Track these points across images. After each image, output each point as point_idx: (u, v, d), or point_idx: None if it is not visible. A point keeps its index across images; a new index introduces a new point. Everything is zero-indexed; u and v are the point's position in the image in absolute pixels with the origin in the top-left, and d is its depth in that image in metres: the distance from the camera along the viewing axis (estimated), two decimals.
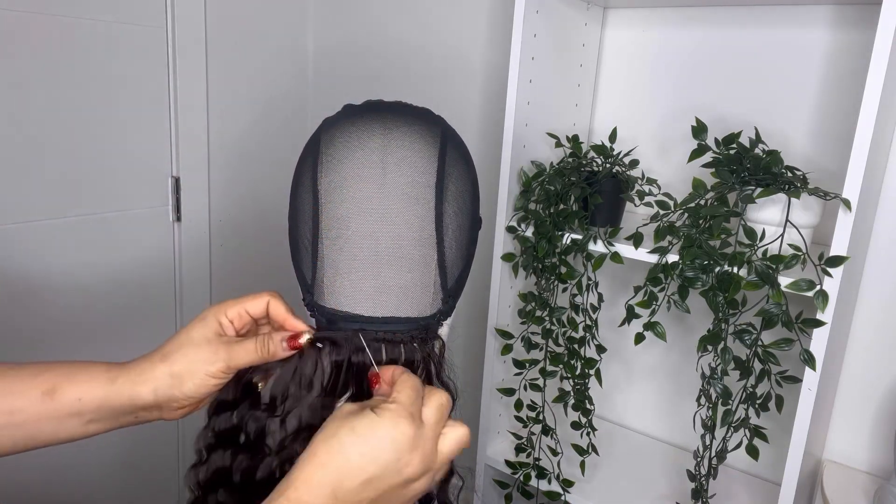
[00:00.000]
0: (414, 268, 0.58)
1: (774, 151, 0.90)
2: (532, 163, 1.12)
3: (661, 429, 1.29)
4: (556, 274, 1.06)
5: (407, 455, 0.49)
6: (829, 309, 0.83)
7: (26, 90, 1.16)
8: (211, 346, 0.59)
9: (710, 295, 0.89)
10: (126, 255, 1.36)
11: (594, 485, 1.13)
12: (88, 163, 1.27)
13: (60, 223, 1.25)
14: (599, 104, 1.27)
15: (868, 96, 0.78)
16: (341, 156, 0.59)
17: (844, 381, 1.08)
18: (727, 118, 1.12)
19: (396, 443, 0.49)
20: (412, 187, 0.58)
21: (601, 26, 1.23)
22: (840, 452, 1.10)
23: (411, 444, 0.50)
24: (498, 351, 1.16)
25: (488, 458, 1.21)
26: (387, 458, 0.49)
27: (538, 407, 1.13)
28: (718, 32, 1.12)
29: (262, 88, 1.56)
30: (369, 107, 0.62)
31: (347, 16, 1.58)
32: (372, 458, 0.49)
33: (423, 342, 0.59)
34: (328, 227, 0.58)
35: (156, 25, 1.32)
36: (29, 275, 1.22)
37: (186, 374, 0.59)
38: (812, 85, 1.05)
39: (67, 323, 1.29)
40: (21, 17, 1.13)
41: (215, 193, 1.50)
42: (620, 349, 1.30)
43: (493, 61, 1.37)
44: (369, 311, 0.58)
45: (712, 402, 0.93)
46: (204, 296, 1.51)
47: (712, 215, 0.89)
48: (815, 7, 1.03)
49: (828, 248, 0.83)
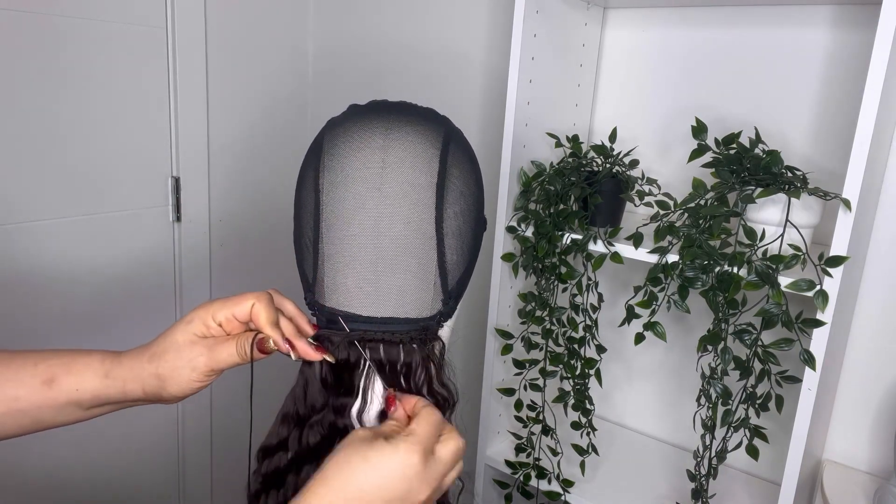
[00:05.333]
0: (414, 269, 0.58)
1: (774, 151, 0.90)
2: (532, 163, 1.12)
3: (661, 429, 1.29)
4: (556, 274, 1.06)
5: (416, 487, 0.50)
6: (829, 309, 0.83)
7: (26, 90, 1.16)
8: (194, 348, 0.59)
9: (710, 295, 0.89)
10: (126, 255, 1.36)
11: (594, 485, 1.13)
12: (88, 163, 1.27)
13: (60, 223, 1.25)
14: (599, 104, 1.27)
15: (868, 96, 0.78)
16: (343, 155, 0.59)
17: (844, 381, 1.08)
18: (727, 118, 1.12)
19: (407, 478, 0.50)
20: (412, 188, 0.58)
21: (601, 26, 1.23)
22: (840, 452, 1.10)
23: (421, 477, 0.51)
24: (498, 351, 1.16)
25: (488, 458, 1.21)
26: (398, 488, 0.50)
27: (538, 407, 1.13)
28: (718, 32, 1.12)
29: (262, 88, 1.56)
30: (373, 107, 0.62)
31: (347, 16, 1.58)
32: (383, 487, 0.49)
33: (423, 343, 0.59)
34: (329, 226, 0.58)
35: (156, 25, 1.32)
36: (29, 275, 1.22)
37: (170, 377, 0.59)
38: (812, 85, 1.05)
39: (67, 323, 1.29)
40: (21, 17, 1.13)
41: (215, 193, 1.50)
42: (620, 349, 1.30)
43: (493, 61, 1.37)
44: (369, 311, 0.58)
45: (712, 402, 0.93)
46: (204, 296, 1.51)
47: (712, 215, 0.89)
48: (815, 7, 1.03)
49: (828, 248, 0.83)
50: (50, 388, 0.60)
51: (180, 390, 0.60)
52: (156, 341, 0.61)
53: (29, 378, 0.60)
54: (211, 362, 0.59)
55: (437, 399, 0.60)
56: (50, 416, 0.61)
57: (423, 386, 0.59)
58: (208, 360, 0.59)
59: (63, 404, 0.61)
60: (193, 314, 0.61)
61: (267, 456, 0.61)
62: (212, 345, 0.59)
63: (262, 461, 0.62)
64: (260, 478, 0.62)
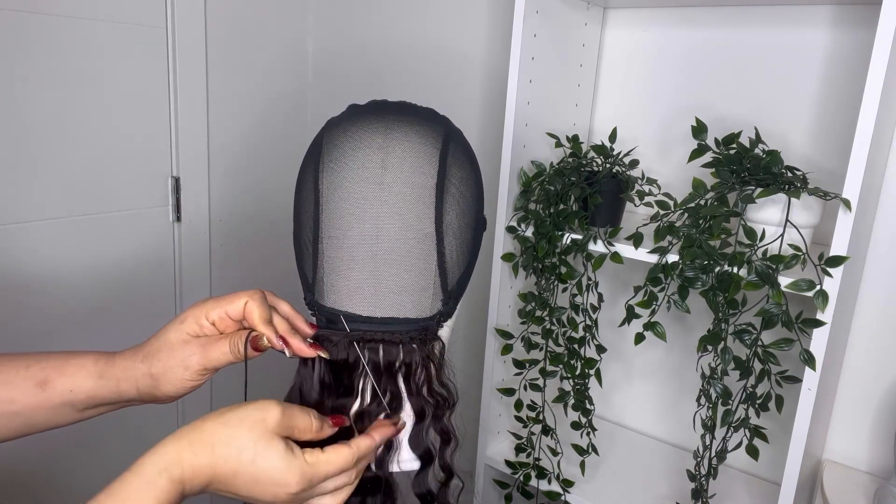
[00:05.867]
0: (413, 269, 0.58)
1: (774, 151, 0.90)
2: (532, 163, 1.12)
3: (661, 429, 1.29)
4: (556, 274, 1.06)
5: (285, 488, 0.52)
6: (829, 309, 0.83)
7: (26, 90, 1.16)
8: (187, 348, 0.59)
9: (710, 295, 0.89)
10: (126, 255, 1.36)
11: (594, 485, 1.13)
12: (88, 163, 1.27)
13: (60, 223, 1.25)
14: (599, 104, 1.27)
15: (868, 96, 0.78)
16: (342, 156, 0.59)
17: (844, 381, 1.08)
18: (727, 118, 1.12)
19: (281, 484, 0.52)
20: (412, 188, 0.58)
21: (601, 26, 1.23)
22: (840, 452, 1.10)
23: (292, 484, 0.52)
24: (498, 351, 1.16)
25: (488, 458, 1.21)
26: (266, 488, 0.52)
27: (538, 407, 1.13)
28: (718, 32, 1.12)
29: (263, 88, 1.56)
30: (373, 107, 0.62)
31: (347, 16, 1.58)
32: (257, 482, 0.51)
33: (423, 343, 0.59)
34: (328, 226, 0.58)
35: (156, 25, 1.32)
36: (29, 275, 1.22)
37: (163, 377, 0.59)
38: (812, 85, 1.05)
39: (67, 322, 1.29)
40: (21, 17, 1.13)
41: (215, 193, 1.50)
42: (620, 349, 1.30)
43: (493, 61, 1.37)
44: (368, 311, 0.58)
45: (712, 402, 0.93)
46: (203, 296, 1.49)
47: (712, 215, 0.89)
48: (815, 7, 1.03)
49: (828, 248, 0.83)
50: (44, 389, 0.60)
51: (174, 390, 0.60)
52: (149, 341, 0.61)
53: (22, 380, 0.60)
54: (204, 361, 0.59)
55: (438, 399, 0.60)
56: (44, 418, 0.61)
57: (423, 386, 0.59)
58: (201, 359, 0.59)
59: (57, 406, 0.61)
60: (187, 313, 0.61)
61: None
62: (205, 344, 0.59)
63: None
64: None
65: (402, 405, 0.60)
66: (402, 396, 0.60)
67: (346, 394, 0.59)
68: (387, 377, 0.59)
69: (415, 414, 0.60)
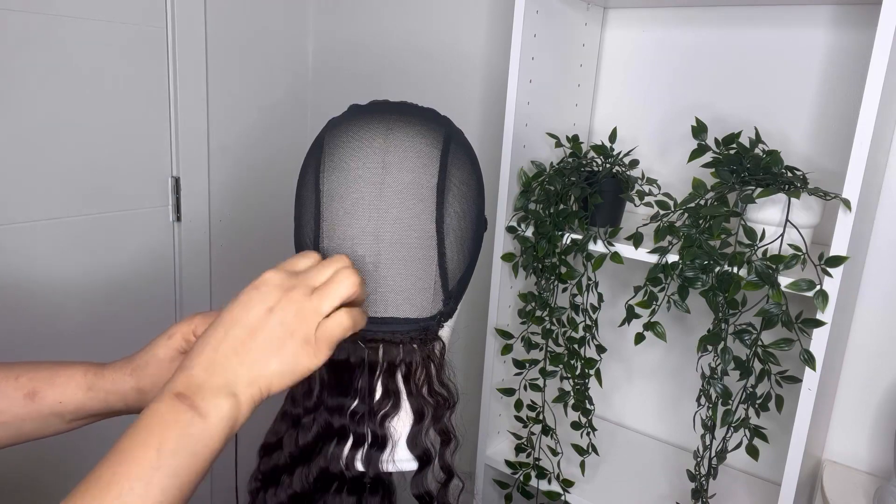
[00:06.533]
0: (414, 269, 0.58)
1: (774, 151, 0.90)
2: (532, 163, 1.12)
3: (661, 429, 1.29)
4: (556, 274, 1.06)
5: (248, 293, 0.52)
6: (829, 309, 0.83)
7: (26, 90, 1.16)
8: (174, 363, 0.60)
9: (710, 295, 0.89)
10: (126, 255, 1.36)
11: (594, 485, 1.13)
12: (88, 163, 1.27)
13: (60, 223, 1.25)
14: (599, 104, 1.27)
15: (868, 96, 0.78)
16: (343, 156, 0.59)
17: (844, 381, 1.08)
18: (727, 118, 1.12)
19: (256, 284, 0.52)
20: (412, 188, 0.58)
21: (601, 26, 1.23)
22: (840, 452, 1.10)
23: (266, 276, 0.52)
24: (498, 351, 1.16)
25: (488, 458, 1.21)
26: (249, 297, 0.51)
27: (538, 407, 1.13)
28: (718, 32, 1.12)
29: (262, 88, 1.56)
30: (374, 107, 0.62)
31: (347, 16, 1.58)
32: (236, 302, 0.51)
33: (423, 343, 0.59)
34: (329, 226, 0.58)
35: (156, 25, 1.32)
36: (29, 275, 1.22)
37: (151, 391, 0.60)
38: (812, 85, 1.05)
39: (67, 323, 1.29)
40: (21, 17, 1.13)
41: (215, 193, 1.50)
42: (620, 349, 1.30)
43: (493, 61, 1.37)
44: (368, 311, 0.58)
45: (712, 402, 0.93)
46: (204, 296, 1.51)
47: (712, 215, 0.89)
48: (815, 7, 1.03)
49: (828, 248, 0.83)
50: (33, 400, 0.60)
51: None
52: (138, 354, 0.62)
53: (12, 391, 0.60)
54: None
55: (438, 399, 0.60)
56: (32, 429, 0.61)
57: (424, 386, 0.59)
58: None
59: (46, 416, 0.61)
60: (175, 329, 0.61)
61: (266, 454, 0.62)
62: None
63: (261, 459, 0.62)
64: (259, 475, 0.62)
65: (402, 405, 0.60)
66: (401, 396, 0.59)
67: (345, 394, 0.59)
68: (387, 377, 0.59)
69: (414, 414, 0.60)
